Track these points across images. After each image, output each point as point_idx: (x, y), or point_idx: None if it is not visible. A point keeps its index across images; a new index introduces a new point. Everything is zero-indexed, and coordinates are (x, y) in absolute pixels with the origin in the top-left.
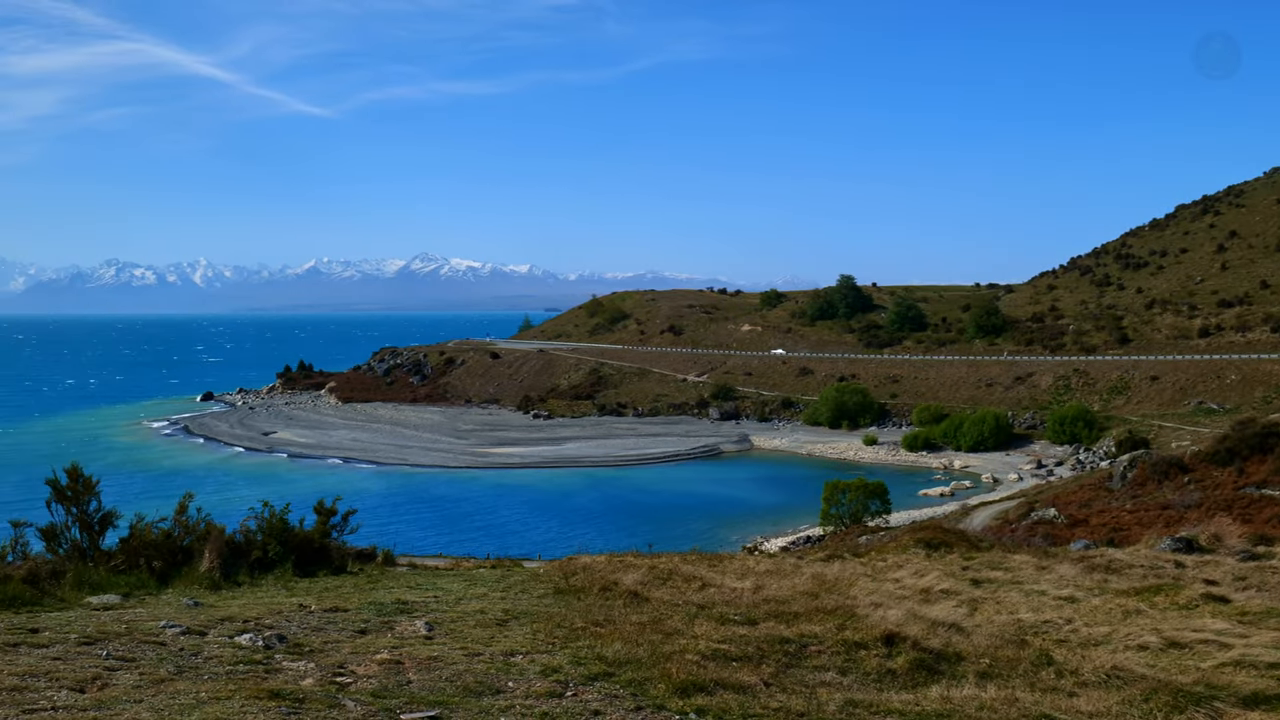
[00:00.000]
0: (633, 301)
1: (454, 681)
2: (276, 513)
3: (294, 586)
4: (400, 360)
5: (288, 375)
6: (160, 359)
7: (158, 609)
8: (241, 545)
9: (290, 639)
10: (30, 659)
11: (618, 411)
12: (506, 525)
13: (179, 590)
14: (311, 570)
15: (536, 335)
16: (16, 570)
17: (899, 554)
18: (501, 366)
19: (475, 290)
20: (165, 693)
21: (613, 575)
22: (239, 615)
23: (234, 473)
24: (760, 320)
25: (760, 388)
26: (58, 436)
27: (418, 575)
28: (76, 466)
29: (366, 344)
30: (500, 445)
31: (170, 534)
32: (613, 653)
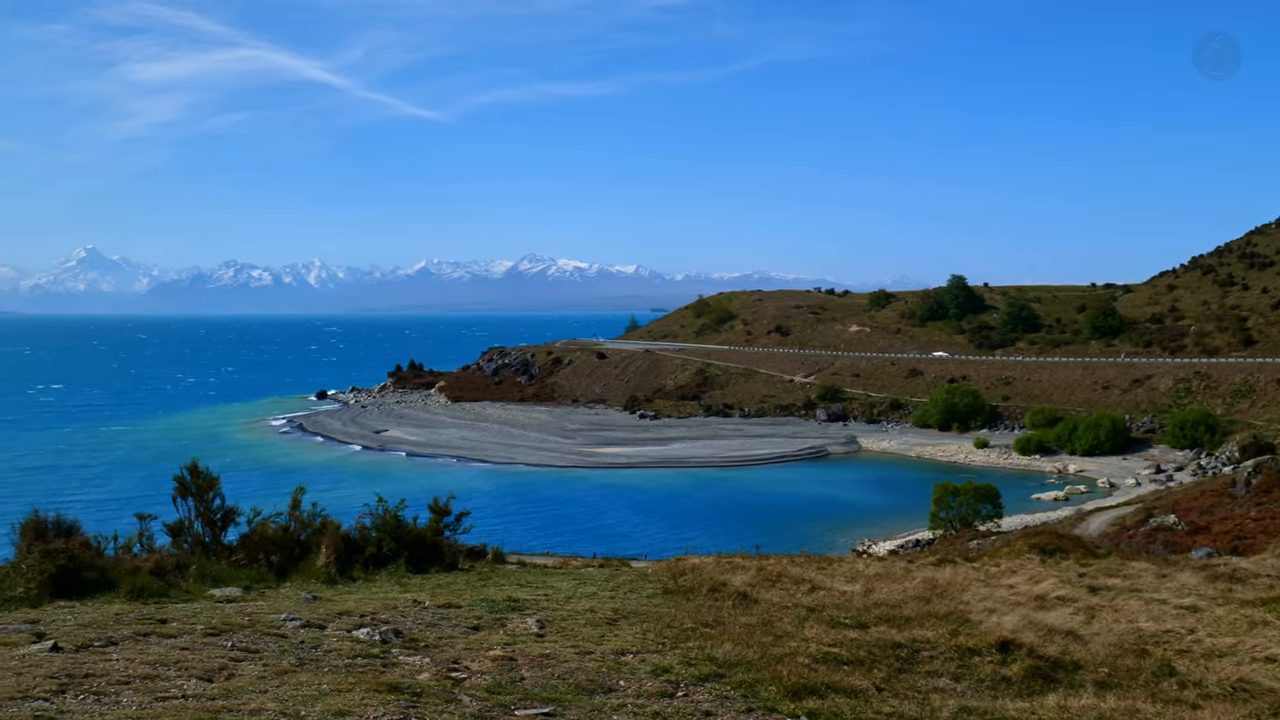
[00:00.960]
0: (739, 302)
1: (566, 679)
2: (390, 510)
3: (407, 582)
4: (508, 360)
5: (398, 374)
6: (276, 358)
7: (278, 602)
8: (356, 541)
9: (406, 634)
10: (160, 648)
11: (724, 412)
12: (612, 525)
13: (297, 584)
14: (424, 567)
15: (643, 335)
16: (144, 563)
17: (1012, 559)
18: (608, 367)
19: (582, 291)
20: (288, 684)
21: (721, 576)
22: (356, 610)
23: (346, 470)
24: (869, 321)
25: (868, 389)
26: (179, 434)
27: (527, 573)
28: (197, 463)
29: (475, 344)
30: (606, 445)
31: (288, 529)
32: (723, 654)
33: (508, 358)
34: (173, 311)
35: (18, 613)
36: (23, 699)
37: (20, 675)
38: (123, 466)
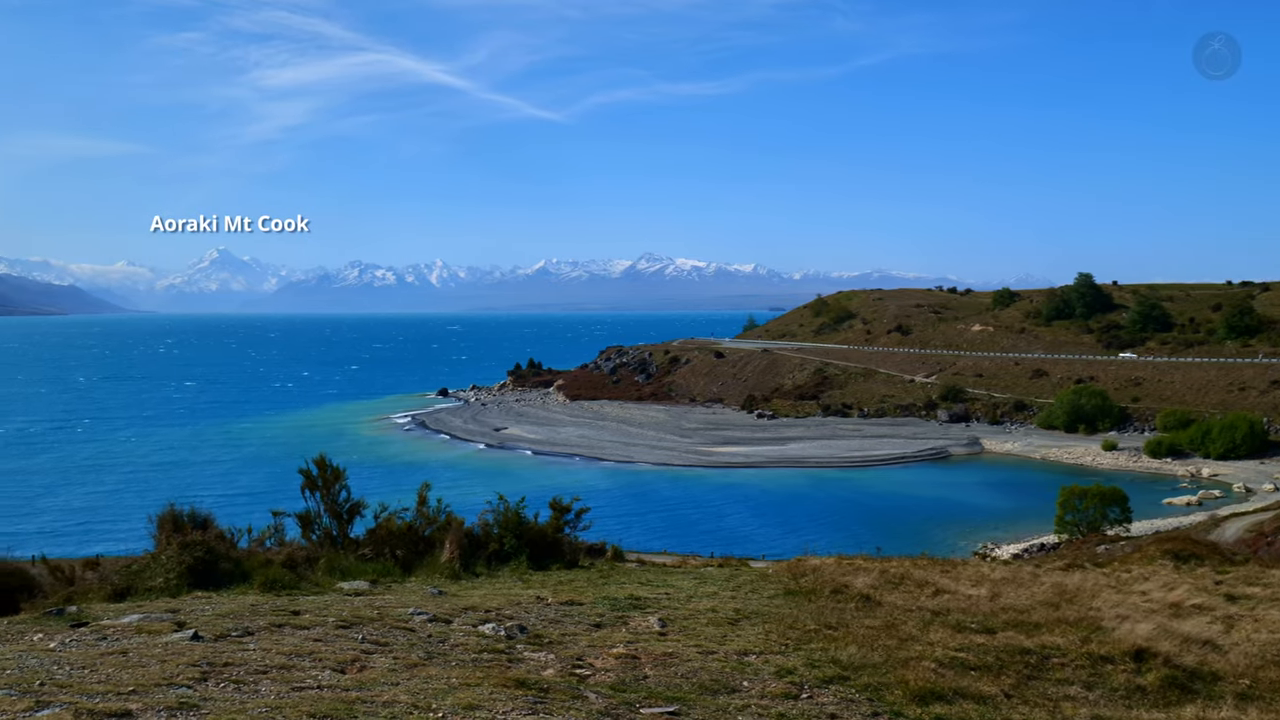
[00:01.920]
0: (859, 301)
1: (690, 679)
2: (512, 507)
3: (529, 579)
4: (626, 359)
5: (518, 373)
6: (398, 356)
7: (404, 596)
8: (479, 537)
9: (530, 630)
10: (294, 639)
11: (843, 412)
12: (730, 525)
13: (422, 579)
14: (545, 563)
15: (761, 335)
16: (276, 556)
17: (1144, 565)
18: (725, 366)
19: (700, 290)
20: (419, 677)
21: (843, 578)
22: (481, 605)
23: (467, 467)
24: (992, 320)
25: (991, 389)
26: (305, 430)
27: (647, 572)
28: (325, 457)
29: (593, 343)
30: (724, 444)
31: (413, 525)
32: (847, 656)
33: (625, 357)
34: (300, 310)
35: (158, 602)
36: (168, 686)
37: (164, 663)
38: (251, 462)
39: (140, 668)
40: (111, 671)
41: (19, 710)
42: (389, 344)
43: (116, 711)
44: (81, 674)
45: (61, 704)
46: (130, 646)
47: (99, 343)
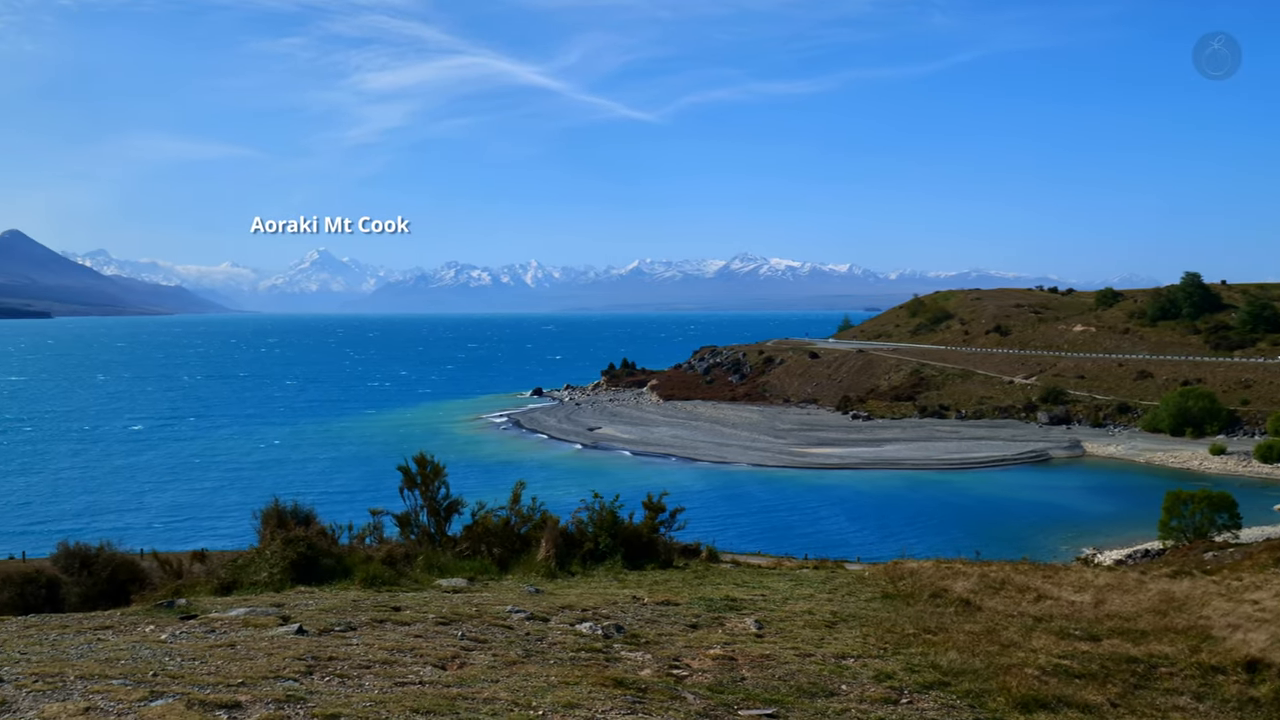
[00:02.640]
0: (956, 300)
1: (787, 681)
2: (607, 506)
3: (625, 578)
4: (719, 359)
5: (611, 372)
6: (493, 355)
7: (501, 594)
8: (574, 536)
9: (627, 629)
10: (395, 635)
11: (939, 414)
12: (825, 526)
13: (518, 577)
14: (640, 563)
15: (856, 335)
16: (376, 552)
17: (1256, 573)
18: (820, 366)
19: (794, 289)
20: (518, 674)
21: (941, 582)
22: (577, 604)
23: (561, 466)
24: (1094, 320)
25: (1094, 391)
26: (402, 429)
27: (743, 573)
28: (425, 455)
29: (686, 343)
30: (818, 445)
31: (509, 523)
32: (947, 662)
33: (719, 357)
34: (397, 310)
35: (263, 596)
36: (275, 678)
37: (271, 656)
38: (349, 461)
39: (248, 660)
40: (220, 664)
41: (134, 700)
42: (484, 344)
43: (226, 703)
44: (192, 665)
45: (174, 695)
46: (238, 639)
47: (204, 342)
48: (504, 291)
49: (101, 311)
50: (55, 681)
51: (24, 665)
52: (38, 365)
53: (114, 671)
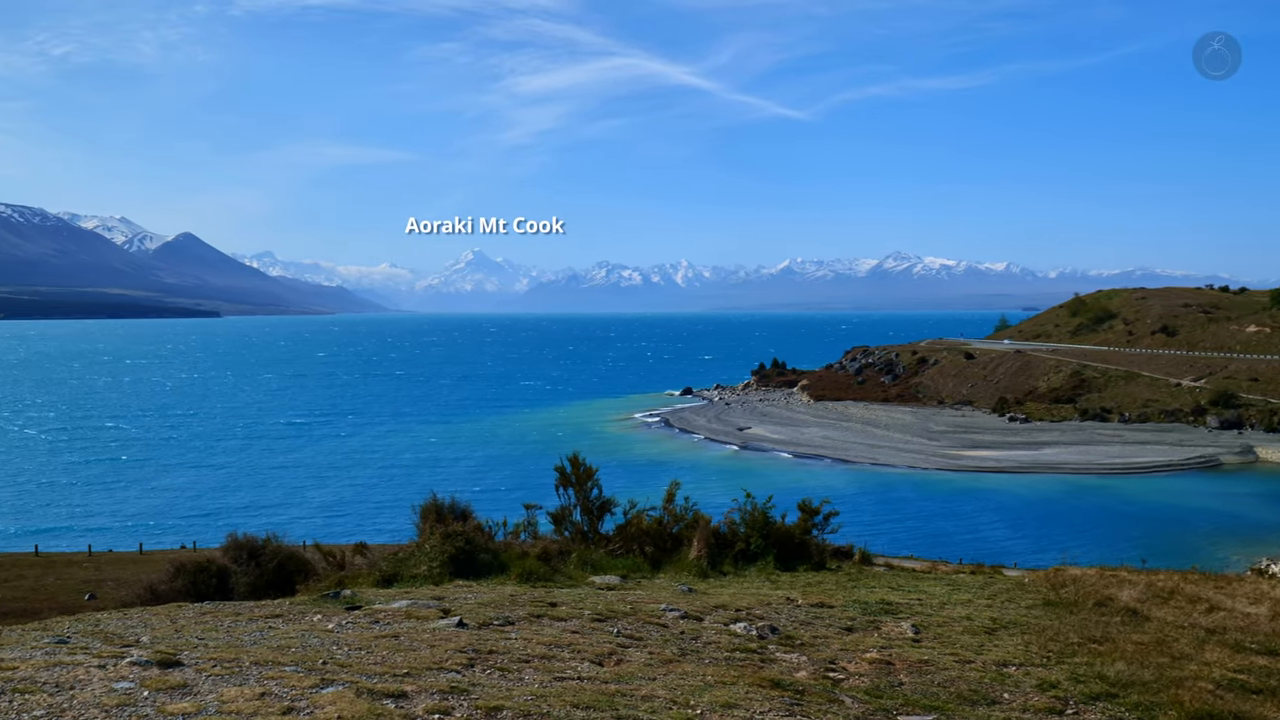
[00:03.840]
0: (1120, 300)
1: (947, 687)
2: (759, 506)
3: (777, 579)
4: (872, 359)
5: (762, 372)
6: (643, 355)
7: (654, 592)
8: (726, 536)
9: (781, 631)
10: (553, 631)
11: (1101, 416)
12: (980, 531)
13: (670, 576)
14: (792, 564)
15: (1013, 335)
16: (531, 548)
17: None
18: (975, 367)
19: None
20: (674, 673)
21: (1106, 590)
22: (730, 604)
23: (710, 466)
24: (1269, 320)
25: (1268, 394)
26: (552, 427)
27: (897, 576)
28: (579, 455)
29: (838, 342)
30: (973, 448)
31: (661, 522)
32: (1115, 673)
33: (871, 357)
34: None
35: (423, 589)
36: (438, 670)
37: (434, 648)
38: (499, 459)
39: (412, 651)
40: (386, 654)
41: (306, 686)
42: (634, 343)
43: (393, 692)
44: (359, 655)
45: (343, 683)
46: (401, 631)
47: (362, 341)
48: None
49: (266, 311)
50: (232, 666)
51: (202, 650)
52: (208, 363)
53: (286, 659)
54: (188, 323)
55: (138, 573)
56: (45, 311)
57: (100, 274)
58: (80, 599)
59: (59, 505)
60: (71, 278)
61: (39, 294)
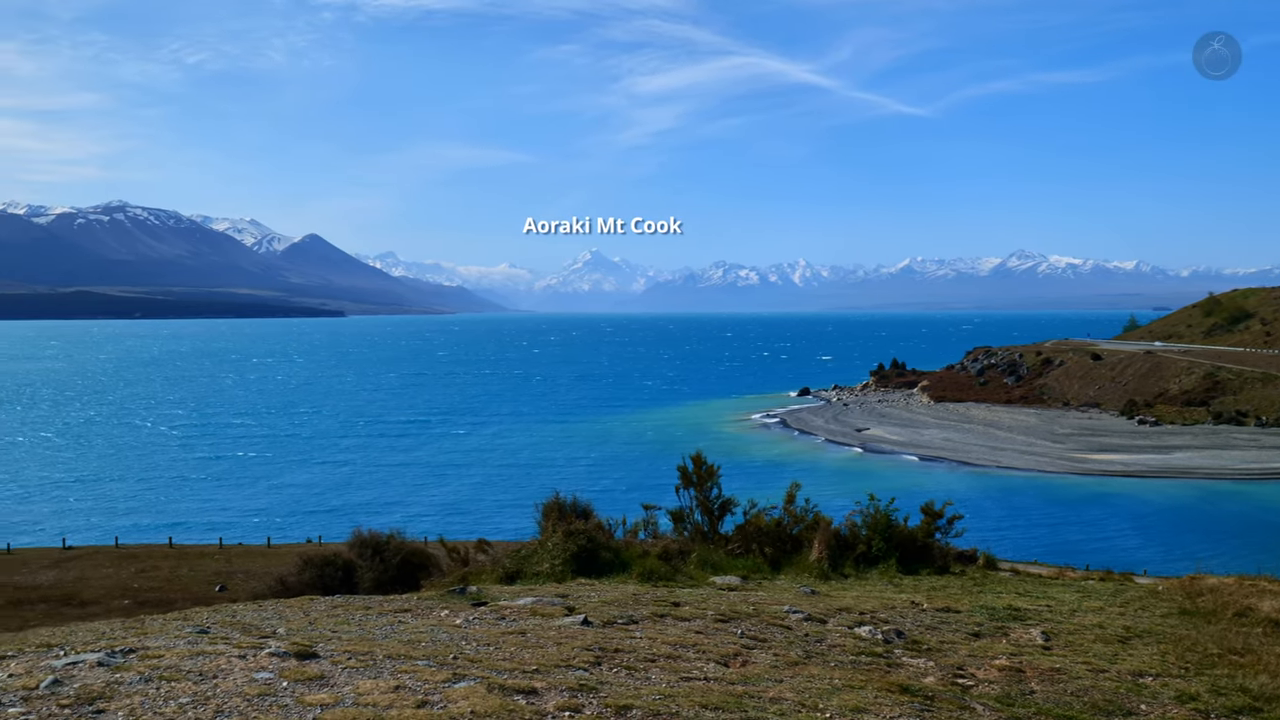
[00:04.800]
0: (1258, 299)
1: (1080, 697)
2: (881, 509)
3: (900, 583)
4: (994, 360)
5: (880, 373)
6: (759, 355)
7: (776, 594)
8: (847, 538)
9: (907, 635)
10: (676, 630)
11: (1237, 420)
12: (1108, 536)
13: (790, 577)
14: (914, 568)
15: (1143, 336)
16: (652, 547)
17: None
18: (1103, 369)
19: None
20: (801, 675)
21: (1246, 600)
22: (854, 607)
23: (829, 467)
24: None
25: None
26: (668, 427)
27: (1023, 582)
28: (700, 455)
29: (959, 343)
30: (1100, 451)
31: (781, 523)
32: (1259, 686)
33: (993, 358)
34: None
35: (547, 586)
36: (566, 667)
37: (560, 645)
38: (617, 458)
39: (539, 648)
40: (514, 650)
41: (439, 681)
42: (751, 343)
43: (523, 688)
44: (487, 651)
45: (474, 678)
46: (527, 627)
47: (481, 340)
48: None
49: (389, 310)
50: (366, 659)
51: (336, 643)
52: (332, 362)
53: (417, 653)
54: (313, 322)
55: (266, 565)
56: (179, 311)
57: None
58: (211, 590)
59: (190, 499)
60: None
61: (173, 294)
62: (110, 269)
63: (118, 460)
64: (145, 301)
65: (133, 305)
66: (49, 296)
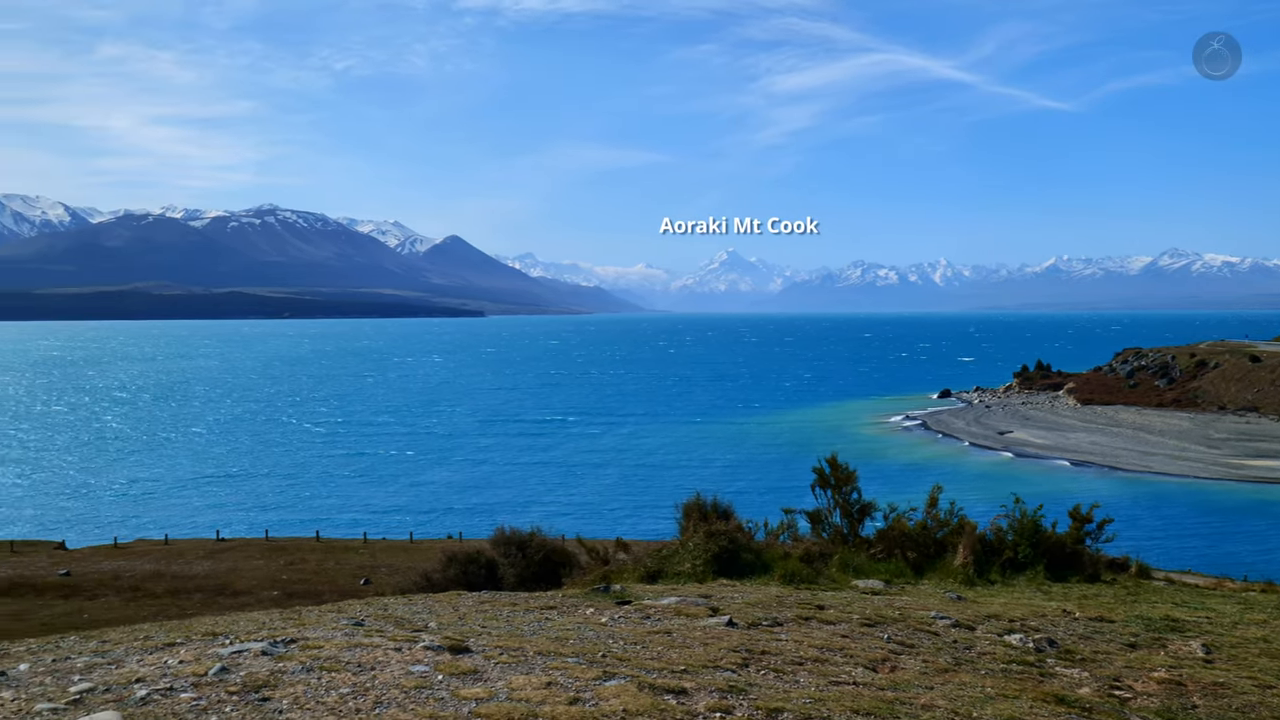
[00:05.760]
0: None
1: (1246, 714)
2: (1028, 514)
3: (1049, 590)
4: (1144, 362)
5: (1024, 374)
6: (898, 356)
7: (921, 599)
8: (993, 544)
9: (1060, 644)
10: (822, 634)
11: None
12: (1269, 546)
13: (934, 582)
14: (1063, 575)
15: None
16: (794, 549)
17: None
18: (1262, 371)
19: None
20: (951, 683)
21: None
22: (1003, 614)
23: (971, 470)
24: None
25: None
26: (804, 428)
27: (1179, 592)
28: (836, 457)
29: (1107, 344)
30: (1259, 458)
31: (925, 527)
32: None
33: (1144, 359)
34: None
35: (689, 586)
36: (714, 668)
37: (706, 646)
38: (753, 459)
39: (686, 649)
40: (660, 650)
41: (589, 678)
42: (890, 344)
43: (674, 689)
44: (634, 649)
45: (624, 676)
46: (672, 627)
47: (617, 339)
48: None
49: (528, 311)
50: (517, 655)
51: (487, 638)
52: (471, 361)
53: (566, 650)
54: (454, 322)
55: (408, 560)
56: (325, 311)
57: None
58: (356, 583)
59: (334, 494)
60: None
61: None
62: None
63: (265, 456)
64: (294, 302)
65: (282, 305)
66: (204, 297)
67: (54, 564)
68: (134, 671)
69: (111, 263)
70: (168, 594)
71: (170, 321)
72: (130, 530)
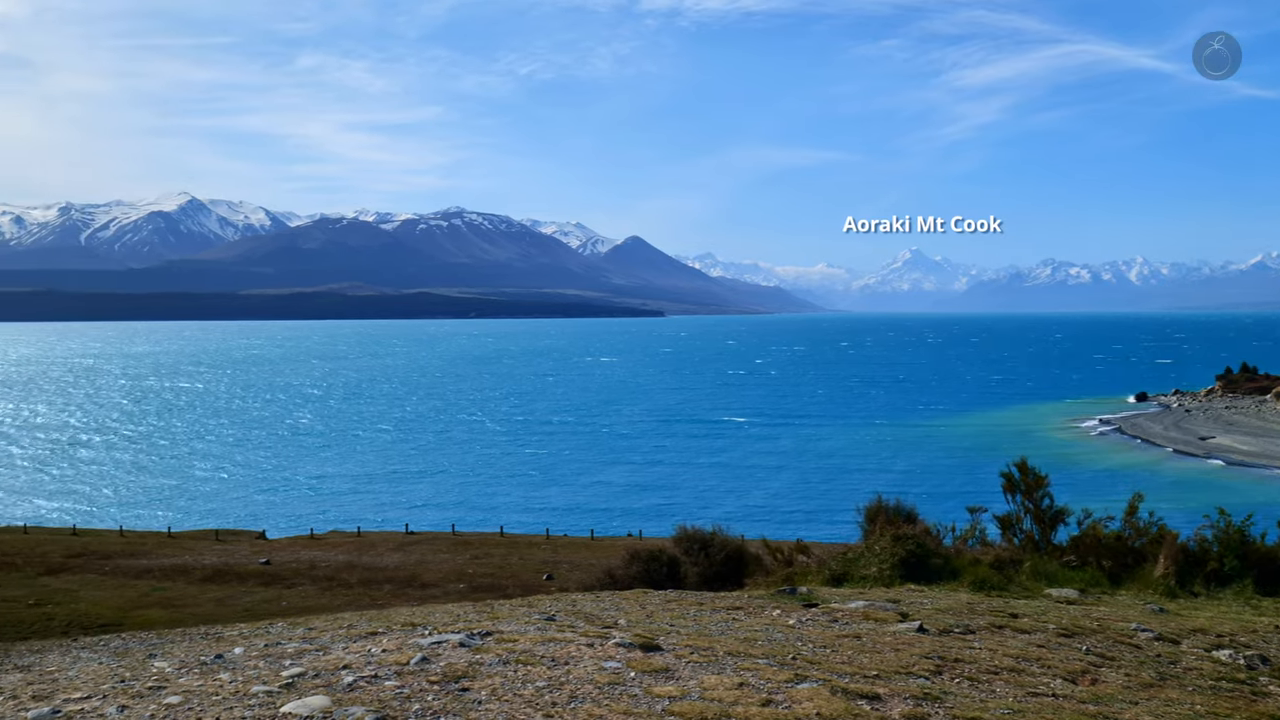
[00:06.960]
0: None
1: None
2: (1234, 524)
3: (1259, 605)
4: None
5: (1228, 377)
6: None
7: (1119, 610)
8: (1196, 554)
9: (1273, 662)
10: (1016, 643)
11: None
12: None
13: (1132, 593)
14: (1274, 590)
15: None
16: (984, 555)
17: None
18: None
19: None
20: (1157, 699)
21: None
22: (1210, 629)
23: (1168, 477)
24: None
25: None
26: (991, 431)
27: None
28: (1026, 461)
29: None
30: None
31: (1121, 535)
32: None
33: None
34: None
35: (876, 590)
36: (906, 674)
37: (897, 651)
38: (937, 462)
39: (876, 653)
40: (851, 654)
41: (781, 680)
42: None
43: (866, 694)
44: (824, 653)
45: (816, 680)
46: (861, 631)
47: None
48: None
49: (708, 311)
50: (707, 655)
51: (676, 637)
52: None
53: (755, 651)
54: (635, 322)
55: (589, 557)
56: (510, 311)
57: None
58: (539, 578)
59: (515, 491)
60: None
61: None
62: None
63: (449, 453)
64: (479, 302)
65: (468, 306)
66: (394, 298)
67: (255, 552)
68: (340, 659)
69: (308, 264)
70: (360, 584)
71: (362, 321)
72: (324, 522)
